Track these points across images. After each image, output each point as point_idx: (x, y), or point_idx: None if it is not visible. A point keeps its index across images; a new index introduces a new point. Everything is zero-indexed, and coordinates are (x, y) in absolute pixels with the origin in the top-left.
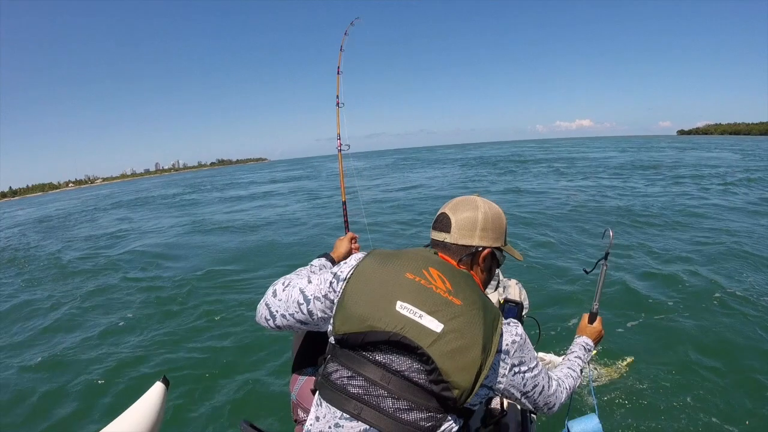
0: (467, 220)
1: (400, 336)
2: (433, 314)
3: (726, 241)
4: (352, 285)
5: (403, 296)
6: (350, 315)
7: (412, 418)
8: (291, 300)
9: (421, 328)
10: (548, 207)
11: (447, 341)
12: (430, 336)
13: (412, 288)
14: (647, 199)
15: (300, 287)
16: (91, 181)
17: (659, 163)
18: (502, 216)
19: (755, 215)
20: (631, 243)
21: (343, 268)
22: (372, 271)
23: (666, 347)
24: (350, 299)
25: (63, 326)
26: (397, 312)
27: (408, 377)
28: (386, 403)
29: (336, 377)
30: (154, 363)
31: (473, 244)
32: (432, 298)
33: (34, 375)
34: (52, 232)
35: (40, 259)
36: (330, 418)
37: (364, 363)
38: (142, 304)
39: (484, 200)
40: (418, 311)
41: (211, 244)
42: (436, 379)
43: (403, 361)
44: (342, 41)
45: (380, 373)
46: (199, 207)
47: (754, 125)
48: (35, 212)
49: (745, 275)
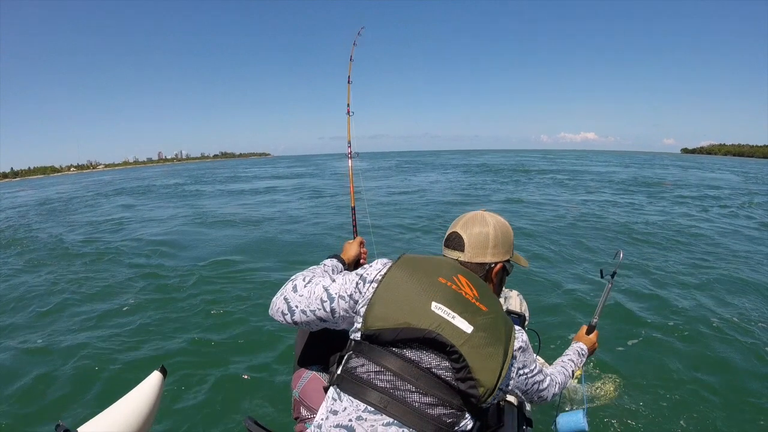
0: (479, 239)
1: (435, 334)
2: (464, 316)
3: (724, 265)
4: (388, 284)
5: (438, 298)
6: (387, 312)
7: (436, 413)
8: (314, 297)
9: (455, 328)
10: (549, 219)
11: (476, 342)
12: (462, 336)
13: (445, 291)
14: (648, 216)
15: (324, 285)
16: (93, 167)
17: (662, 180)
18: (510, 229)
19: (755, 241)
20: (631, 261)
21: (369, 271)
22: (408, 273)
23: (659, 366)
24: (386, 297)
25: (62, 310)
26: (433, 312)
27: (436, 374)
28: (413, 398)
29: (362, 371)
30: (153, 352)
31: (486, 261)
32: (462, 302)
33: (31, 358)
34: (53, 215)
35: (40, 242)
36: (352, 411)
37: (393, 359)
38: (143, 293)
39: (491, 215)
40: (451, 312)
41: (214, 236)
42: (464, 376)
43: (432, 359)
44: (351, 51)
45: (409, 369)
46: (201, 199)
47: (758, 147)
48: (37, 194)
49: (741, 300)
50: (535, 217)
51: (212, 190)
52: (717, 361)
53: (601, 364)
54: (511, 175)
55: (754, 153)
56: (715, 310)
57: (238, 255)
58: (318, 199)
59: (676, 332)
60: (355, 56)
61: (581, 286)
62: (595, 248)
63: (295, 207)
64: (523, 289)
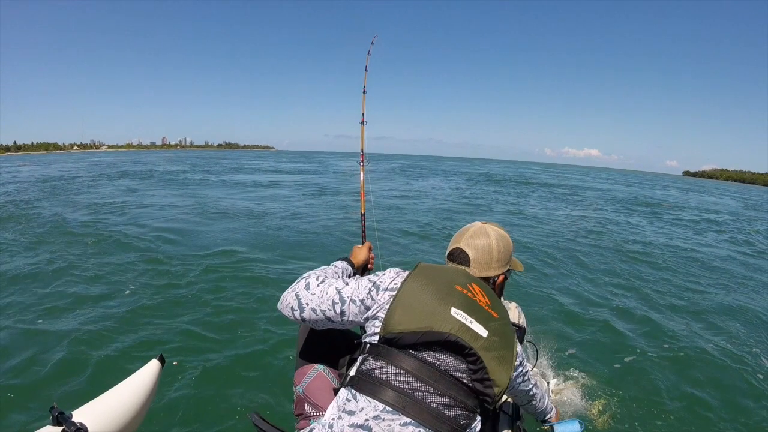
0: (484, 255)
1: (456, 337)
2: (479, 321)
3: (719, 290)
4: (408, 291)
5: (456, 304)
6: (409, 317)
7: (452, 414)
8: (326, 297)
9: (472, 332)
10: (548, 233)
11: (490, 345)
12: (479, 339)
13: (462, 298)
14: (646, 236)
15: (337, 287)
16: (96, 147)
17: (663, 202)
18: (510, 240)
19: (751, 267)
20: (626, 281)
21: (382, 279)
22: (427, 280)
23: (650, 385)
24: (408, 303)
25: (61, 291)
26: (453, 317)
27: (454, 376)
28: (431, 399)
29: (380, 373)
30: (152, 340)
31: (490, 274)
32: (477, 308)
33: (27, 338)
34: (55, 193)
35: (41, 220)
36: (369, 411)
37: (412, 361)
38: (144, 279)
39: (492, 228)
40: (469, 317)
41: (216, 226)
42: (481, 377)
43: (450, 361)
44: (366, 62)
45: (428, 371)
46: (204, 188)
47: (759, 175)
48: (39, 171)
49: (734, 324)
50: (535, 230)
51: (215, 179)
52: (709, 382)
53: (592, 382)
54: (513, 186)
55: (755, 180)
56: (708, 333)
57: (240, 246)
58: (321, 197)
59: (668, 353)
60: (370, 66)
61: (577, 302)
62: (592, 265)
63: (297, 203)
64: (521, 302)
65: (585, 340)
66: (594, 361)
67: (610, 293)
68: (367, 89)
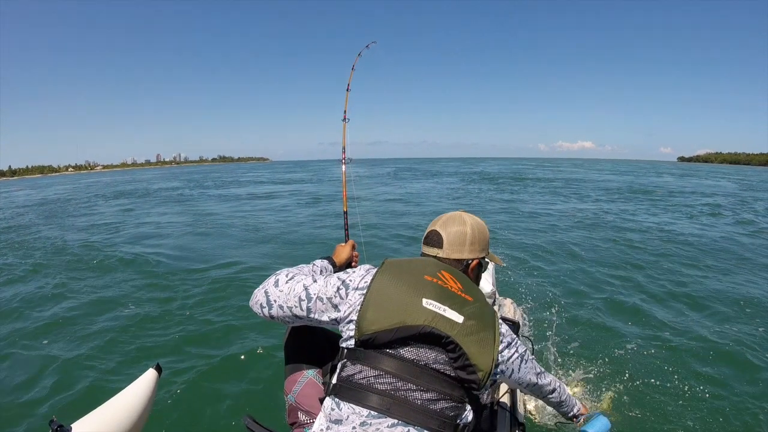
0: (457, 236)
1: (431, 328)
2: (453, 308)
3: (719, 275)
4: (377, 290)
5: (427, 294)
6: (380, 315)
7: (438, 408)
8: (293, 294)
9: (447, 320)
10: (543, 228)
11: (469, 330)
12: (455, 326)
13: (432, 287)
14: (642, 224)
15: (305, 284)
16: (91, 167)
17: (658, 188)
18: (486, 229)
19: (748, 248)
20: (627, 272)
21: (352, 277)
22: (394, 275)
23: (654, 372)
24: (378, 301)
25: (58, 308)
26: (425, 308)
27: (435, 369)
28: (415, 396)
29: (360, 378)
30: (148, 350)
31: (463, 257)
32: (450, 295)
33: (27, 353)
34: (53, 216)
35: (38, 242)
36: (355, 418)
37: (390, 361)
38: (140, 293)
39: (469, 216)
40: (442, 306)
41: (212, 240)
42: (463, 364)
43: (429, 355)
44: (355, 61)
45: (408, 368)
46: (200, 203)
47: (754, 155)
48: (35, 194)
49: (737, 310)
50: (530, 226)
51: (211, 194)
52: (716, 367)
53: (599, 374)
54: (508, 183)
55: (750, 161)
56: (712, 319)
57: (235, 258)
58: (316, 205)
59: (672, 341)
60: (358, 66)
61: (576, 295)
62: (589, 257)
63: (293, 212)
64: (518, 298)
65: (587, 332)
66: (598, 353)
67: (608, 284)
68: (351, 87)
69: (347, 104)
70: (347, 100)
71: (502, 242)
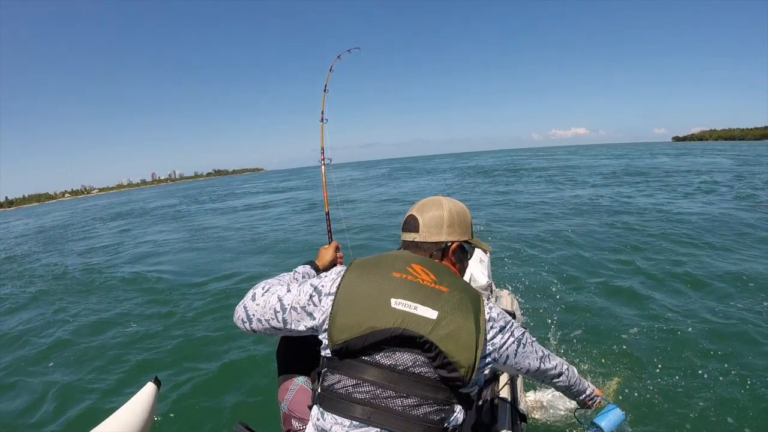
0: (434, 218)
1: (401, 330)
2: (426, 304)
3: (723, 253)
4: (343, 294)
5: (395, 293)
6: (348, 322)
7: (421, 413)
8: (268, 306)
9: (419, 318)
10: (540, 218)
11: (444, 325)
12: (429, 324)
13: (401, 284)
14: (639, 206)
15: (279, 295)
16: (88, 192)
17: (654, 170)
18: (467, 212)
19: (745, 222)
20: (622, 255)
21: (324, 282)
22: (360, 277)
23: (660, 356)
24: (345, 307)
25: (59, 330)
26: (394, 308)
27: (414, 373)
28: (395, 402)
29: (339, 387)
30: (149, 366)
31: (441, 239)
32: (421, 290)
33: (28, 372)
34: (52, 243)
35: (39, 270)
36: (338, 429)
37: (367, 368)
38: (141, 310)
39: (448, 199)
40: (412, 304)
41: (209, 255)
42: (441, 363)
43: (406, 358)
44: (333, 62)
45: (386, 375)
46: (196, 218)
47: (748, 130)
48: (33, 223)
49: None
50: (527, 216)
51: (206, 208)
52: (719, 348)
53: (603, 360)
54: (503, 175)
55: (745, 136)
56: (714, 299)
57: (233, 270)
58: (311, 211)
59: (675, 323)
60: (342, 69)
61: (573, 283)
62: (586, 244)
63: (288, 220)
64: (517, 289)
65: (589, 319)
66: (602, 340)
67: (608, 269)
68: (329, 88)
69: (324, 105)
70: (324, 101)
71: (498, 234)
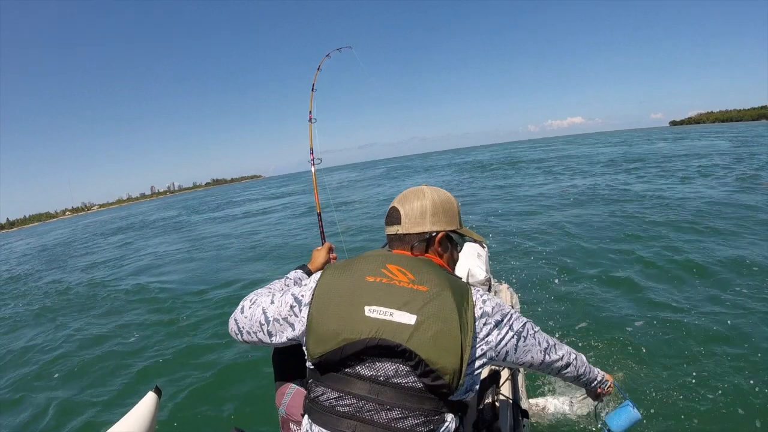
0: (416, 208)
1: (377, 339)
2: (404, 308)
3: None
4: (316, 306)
5: (369, 300)
6: (322, 335)
7: (407, 425)
8: (254, 319)
9: (396, 325)
10: (538, 210)
11: (424, 329)
12: (407, 330)
13: (376, 289)
14: (637, 194)
15: (263, 307)
16: (88, 208)
17: (652, 155)
18: (452, 200)
19: (742, 204)
20: (626, 244)
21: (304, 291)
22: (332, 286)
23: (672, 343)
24: (318, 320)
25: (64, 343)
26: (367, 317)
27: (397, 384)
28: (379, 416)
29: (324, 400)
30: (148, 374)
31: (426, 230)
32: (398, 292)
33: (33, 387)
34: (54, 261)
35: (42, 288)
36: None
37: (349, 381)
38: (141, 320)
39: (431, 188)
40: (388, 310)
41: (208, 264)
42: (424, 371)
43: (388, 368)
44: (321, 61)
45: (368, 387)
46: (195, 228)
47: (745, 111)
48: (35, 242)
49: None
50: (525, 209)
51: (206, 218)
52: (724, 338)
53: (608, 352)
54: (501, 168)
55: (742, 117)
56: (718, 287)
57: (234, 277)
58: (310, 215)
59: (678, 313)
60: (333, 69)
61: (574, 275)
62: (586, 235)
63: (286, 225)
64: (518, 284)
65: (591, 311)
66: (605, 332)
67: (608, 260)
68: (317, 88)
69: (312, 105)
70: (312, 101)
71: (497, 228)
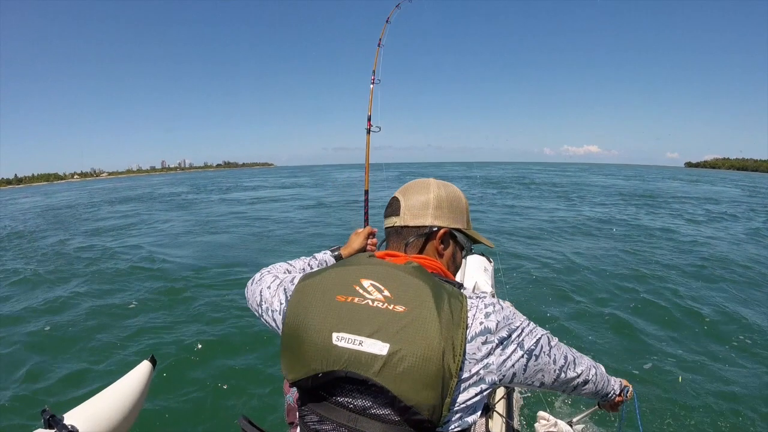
0: (418, 200)
1: (345, 372)
2: (375, 335)
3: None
4: (286, 328)
5: (337, 325)
6: (292, 362)
7: None
8: (254, 298)
9: (365, 356)
10: (551, 232)
11: (398, 361)
12: (377, 362)
13: (345, 312)
14: (650, 230)
15: (262, 288)
16: (97, 174)
17: (666, 194)
18: (461, 196)
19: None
20: (634, 277)
21: (284, 301)
22: (300, 306)
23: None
24: (286, 344)
25: (65, 306)
26: (335, 346)
27: (375, 415)
28: None
29: (308, 420)
30: (147, 346)
31: (426, 223)
32: (369, 316)
33: (31, 346)
34: (60, 222)
35: (48, 249)
36: None
37: (326, 406)
38: (144, 292)
39: (439, 181)
40: (357, 338)
41: (215, 244)
42: (399, 407)
43: (365, 398)
44: (390, 13)
45: (346, 416)
46: (204, 208)
47: (762, 162)
48: (42, 201)
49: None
50: (535, 232)
51: (215, 198)
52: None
53: None
54: (512, 187)
55: (758, 167)
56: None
57: (237, 261)
58: (318, 208)
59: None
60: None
61: (574, 294)
62: (590, 267)
63: (294, 216)
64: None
65: (599, 343)
66: (614, 364)
67: (614, 297)
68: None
69: (377, 62)
70: (377, 57)
71: (504, 248)
